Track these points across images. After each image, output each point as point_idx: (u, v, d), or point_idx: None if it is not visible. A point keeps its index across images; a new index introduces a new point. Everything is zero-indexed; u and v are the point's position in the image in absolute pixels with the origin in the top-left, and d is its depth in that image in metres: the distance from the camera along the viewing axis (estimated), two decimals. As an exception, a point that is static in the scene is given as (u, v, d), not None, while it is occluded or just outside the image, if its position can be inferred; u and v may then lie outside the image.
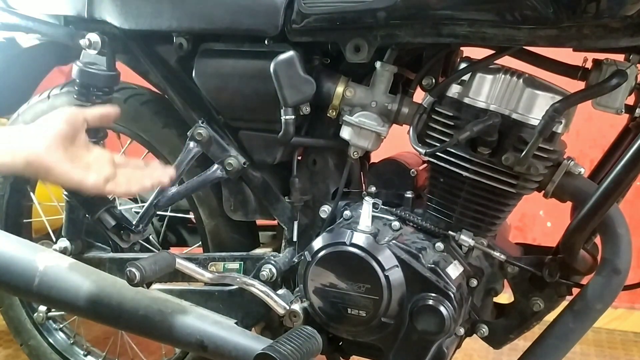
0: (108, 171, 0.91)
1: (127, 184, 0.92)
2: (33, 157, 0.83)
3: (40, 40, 1.31)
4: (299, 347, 0.85)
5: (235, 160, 1.11)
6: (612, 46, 0.85)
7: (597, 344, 1.99)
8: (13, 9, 1.20)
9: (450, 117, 0.95)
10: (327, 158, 1.10)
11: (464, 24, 0.88)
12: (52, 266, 1.04)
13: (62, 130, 0.87)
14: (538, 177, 0.94)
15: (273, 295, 1.06)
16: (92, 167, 0.90)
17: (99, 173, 0.89)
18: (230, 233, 1.22)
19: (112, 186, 0.90)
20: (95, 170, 0.89)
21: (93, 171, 0.89)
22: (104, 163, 0.92)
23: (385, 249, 0.97)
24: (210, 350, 0.98)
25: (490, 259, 1.03)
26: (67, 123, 0.88)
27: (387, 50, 1.00)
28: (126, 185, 0.92)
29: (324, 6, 0.94)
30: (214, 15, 1.03)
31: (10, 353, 1.73)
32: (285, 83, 0.98)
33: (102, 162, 0.92)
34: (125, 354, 1.49)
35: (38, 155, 0.83)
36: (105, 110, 0.97)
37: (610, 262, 0.95)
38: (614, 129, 1.04)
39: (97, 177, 0.88)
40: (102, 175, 0.89)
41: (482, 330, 1.06)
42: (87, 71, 1.13)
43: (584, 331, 0.99)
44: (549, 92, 0.91)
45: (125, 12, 1.08)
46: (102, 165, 0.91)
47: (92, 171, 0.89)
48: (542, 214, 2.12)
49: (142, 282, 0.94)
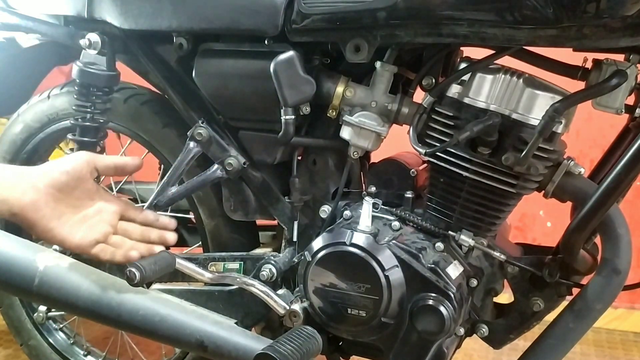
0: (101, 231, 0.88)
1: (114, 252, 0.89)
2: (17, 209, 0.82)
3: (40, 40, 1.31)
4: (299, 347, 0.85)
5: (235, 160, 1.11)
6: (612, 46, 0.85)
7: (597, 344, 1.99)
8: (13, 9, 1.20)
9: (450, 117, 0.95)
10: (327, 158, 1.10)
11: (464, 24, 0.88)
12: (52, 266, 1.03)
13: (59, 181, 0.85)
14: (538, 177, 0.94)
15: (273, 295, 1.06)
16: (89, 222, 0.87)
17: (90, 232, 0.86)
18: (230, 233, 1.22)
19: (97, 250, 0.88)
20: (89, 227, 0.87)
21: (85, 229, 0.86)
22: (104, 218, 0.89)
23: (385, 249, 0.97)
24: (210, 350, 0.98)
25: (490, 259, 1.03)
26: (68, 174, 0.86)
27: (387, 50, 1.00)
28: (111, 253, 0.89)
29: (324, 6, 0.94)
30: (214, 15, 1.03)
31: (10, 353, 1.73)
32: (285, 83, 0.98)
33: (103, 217, 0.89)
34: (125, 354, 1.49)
35: (22, 209, 0.82)
36: (123, 162, 0.95)
37: (610, 262, 0.95)
38: (614, 129, 1.04)
39: (83, 237, 0.86)
40: (91, 236, 0.87)
41: (482, 330, 1.06)
42: (87, 71, 1.13)
43: (584, 331, 0.99)
44: (549, 92, 0.91)
45: (125, 12, 1.08)
46: (101, 221, 0.89)
47: (83, 228, 0.86)
48: (542, 214, 2.12)
49: (142, 282, 0.94)
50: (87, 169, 0.88)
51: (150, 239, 0.95)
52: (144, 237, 0.95)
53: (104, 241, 0.88)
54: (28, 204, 0.82)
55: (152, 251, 0.93)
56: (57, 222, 0.84)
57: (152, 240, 0.95)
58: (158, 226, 0.97)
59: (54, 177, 0.84)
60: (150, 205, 1.13)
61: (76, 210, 0.87)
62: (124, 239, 0.91)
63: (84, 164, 0.88)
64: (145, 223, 0.96)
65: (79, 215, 0.87)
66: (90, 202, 0.89)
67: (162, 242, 0.96)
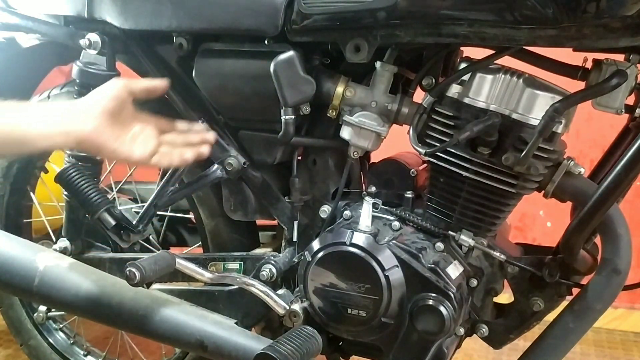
0: (153, 143, 0.97)
1: (170, 156, 0.98)
2: (83, 137, 0.89)
3: (40, 40, 1.31)
4: (299, 347, 0.85)
5: (235, 160, 1.11)
6: (612, 46, 0.85)
7: (597, 344, 1.99)
8: (13, 9, 1.19)
9: (450, 117, 0.95)
10: (327, 158, 1.10)
11: (464, 24, 0.88)
12: (52, 266, 1.04)
13: (109, 107, 0.92)
14: (538, 177, 0.94)
15: (273, 295, 1.06)
16: (138, 138, 0.96)
17: (145, 146, 0.96)
18: (230, 233, 1.22)
19: (156, 159, 0.97)
20: (141, 143, 0.96)
21: (139, 144, 0.95)
22: (149, 134, 0.98)
23: (385, 249, 0.97)
24: (210, 350, 0.98)
25: (490, 259, 1.03)
26: (113, 99, 0.93)
27: (387, 50, 1.00)
28: (169, 158, 0.98)
29: (323, 6, 0.94)
30: (214, 15, 1.03)
31: (10, 353, 1.73)
32: (285, 83, 0.98)
33: (147, 133, 0.98)
34: (125, 354, 1.49)
35: (88, 135, 0.89)
36: (153, 84, 1.02)
37: (610, 262, 0.95)
38: (614, 129, 1.04)
39: (143, 151, 0.95)
40: (147, 149, 0.96)
41: (482, 330, 1.06)
42: (87, 71, 1.13)
43: (584, 331, 0.99)
44: (549, 92, 0.91)
45: (125, 12, 1.08)
46: (148, 136, 0.98)
47: (138, 144, 0.95)
48: (542, 214, 2.12)
49: (142, 282, 0.94)
50: (126, 93, 0.96)
51: (194, 143, 1.03)
52: (188, 143, 1.03)
53: (156, 152, 0.97)
54: (92, 131, 0.90)
55: (200, 153, 1.02)
56: (117, 143, 0.93)
57: (195, 143, 1.03)
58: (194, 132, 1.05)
59: (104, 104, 0.92)
60: (150, 205, 1.13)
61: (126, 130, 0.95)
62: (170, 147, 1.00)
63: (123, 89, 0.95)
64: (181, 132, 1.04)
65: (129, 134, 0.95)
66: (133, 122, 0.97)
67: (204, 141, 1.04)
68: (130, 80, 0.99)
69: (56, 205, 1.44)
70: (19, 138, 0.86)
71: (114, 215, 1.10)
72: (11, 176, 1.40)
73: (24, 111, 0.90)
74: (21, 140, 0.87)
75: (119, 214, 1.12)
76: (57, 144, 0.90)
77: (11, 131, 0.86)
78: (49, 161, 1.44)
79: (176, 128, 1.04)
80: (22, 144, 0.87)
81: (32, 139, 0.87)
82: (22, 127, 0.87)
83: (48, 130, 0.88)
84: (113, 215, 1.10)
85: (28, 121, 0.88)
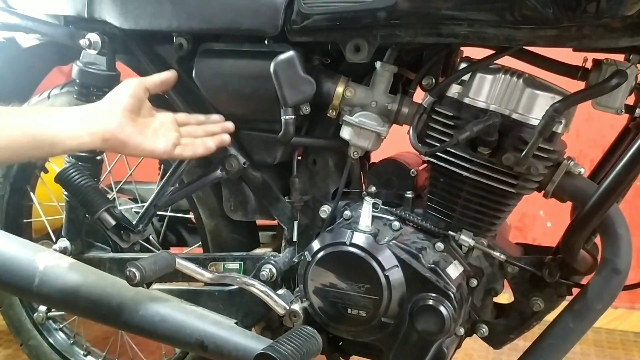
0: (174, 136, 1.00)
1: (193, 147, 1.01)
2: (108, 135, 0.93)
3: (40, 40, 1.31)
4: (299, 347, 0.85)
5: (235, 160, 1.11)
6: (612, 46, 0.85)
7: (597, 344, 1.99)
8: (13, 9, 1.19)
9: (450, 117, 0.95)
10: (327, 158, 1.10)
11: (464, 24, 0.88)
12: (52, 266, 1.04)
13: (129, 104, 0.96)
14: (538, 177, 0.94)
15: (273, 295, 1.06)
16: (159, 132, 0.99)
17: (167, 139, 0.99)
18: (230, 233, 1.22)
19: (179, 150, 1.00)
20: (163, 136, 0.99)
21: (161, 138, 0.99)
22: (169, 127, 1.01)
23: (385, 249, 0.97)
24: (210, 350, 0.98)
25: (490, 259, 1.03)
26: (132, 96, 0.97)
27: (387, 50, 1.00)
28: (192, 149, 1.01)
29: (324, 6, 0.94)
30: (214, 15, 1.03)
31: (10, 353, 1.73)
32: (285, 83, 0.98)
33: (167, 127, 1.01)
34: (125, 354, 1.49)
35: (113, 133, 0.93)
36: (165, 76, 1.06)
37: (610, 262, 0.95)
38: (614, 129, 1.04)
39: (166, 144, 0.98)
40: (170, 141, 0.99)
41: (482, 330, 1.06)
42: (87, 71, 1.13)
43: (584, 331, 0.99)
44: (549, 92, 0.91)
45: (125, 12, 1.08)
46: (168, 129, 1.01)
47: (160, 138, 0.99)
48: (542, 214, 2.12)
49: (142, 282, 0.94)
50: (142, 90, 1.00)
51: (214, 132, 1.06)
52: (208, 132, 1.05)
53: (178, 144, 1.00)
54: (116, 128, 0.94)
55: (222, 141, 1.05)
56: (141, 138, 0.96)
57: (216, 132, 1.06)
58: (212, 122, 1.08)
59: (125, 101, 0.96)
60: (150, 205, 1.13)
61: (147, 125, 0.99)
62: (191, 139, 1.03)
63: (139, 86, 0.99)
64: (199, 123, 1.07)
65: (150, 129, 0.99)
66: (152, 117, 1.01)
67: (225, 130, 1.07)
68: (144, 77, 1.03)
69: (56, 205, 1.44)
70: (49, 140, 0.90)
71: (114, 215, 1.10)
72: (11, 176, 1.40)
73: (52, 115, 0.93)
74: (51, 142, 0.90)
75: (119, 214, 1.12)
76: (84, 144, 0.92)
77: (43, 133, 0.90)
78: (49, 161, 1.44)
79: (194, 120, 1.06)
80: (52, 145, 0.90)
81: (61, 141, 0.90)
82: (52, 129, 0.90)
83: (76, 131, 0.92)
84: (113, 215, 1.10)
85: (56, 124, 0.91)
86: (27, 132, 0.88)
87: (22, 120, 0.90)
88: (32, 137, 0.89)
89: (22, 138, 0.88)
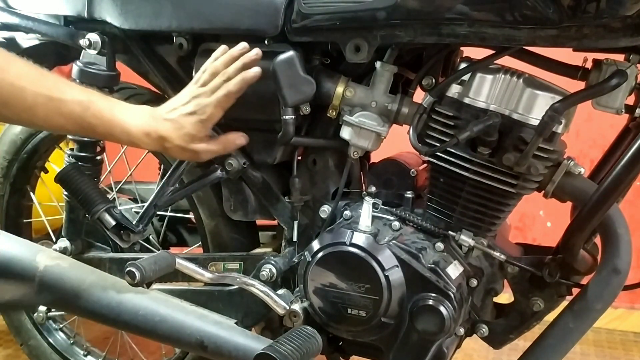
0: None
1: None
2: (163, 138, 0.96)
3: (40, 40, 1.31)
4: (299, 347, 0.85)
5: (235, 160, 1.11)
6: (612, 46, 0.85)
7: (597, 344, 1.99)
8: (13, 9, 1.19)
9: (450, 117, 0.95)
10: (327, 158, 1.10)
11: (464, 24, 0.88)
12: (52, 266, 1.04)
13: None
14: (538, 177, 0.94)
15: (273, 295, 1.06)
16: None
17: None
18: (230, 233, 1.22)
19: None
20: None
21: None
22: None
23: (385, 249, 0.97)
24: (210, 350, 0.98)
25: (490, 259, 1.03)
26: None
27: (387, 50, 1.00)
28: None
29: (323, 6, 0.94)
30: (214, 15, 1.03)
31: (10, 353, 1.73)
32: (285, 83, 0.98)
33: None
34: (125, 354, 1.49)
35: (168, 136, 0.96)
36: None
37: (610, 262, 0.95)
38: (614, 129, 1.04)
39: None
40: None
41: (482, 330, 1.06)
42: (87, 71, 1.13)
43: (584, 331, 0.99)
44: (549, 92, 0.91)
45: (125, 12, 1.08)
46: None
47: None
48: (542, 214, 2.12)
49: (142, 282, 0.94)
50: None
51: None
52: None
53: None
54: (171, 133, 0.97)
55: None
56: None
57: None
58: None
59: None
60: (150, 205, 1.13)
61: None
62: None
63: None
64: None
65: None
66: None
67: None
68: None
69: (56, 205, 1.44)
70: (106, 121, 0.94)
71: (114, 215, 1.10)
72: (11, 176, 1.40)
73: (118, 104, 0.97)
74: (107, 124, 0.94)
75: (119, 214, 1.12)
76: (135, 140, 0.96)
77: (100, 111, 0.93)
78: (49, 161, 1.44)
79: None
80: (105, 126, 0.94)
81: (114, 126, 0.94)
82: (112, 112, 0.94)
83: (131, 125, 0.95)
84: (113, 215, 1.10)
85: (120, 110, 0.95)
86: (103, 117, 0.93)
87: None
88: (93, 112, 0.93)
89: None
